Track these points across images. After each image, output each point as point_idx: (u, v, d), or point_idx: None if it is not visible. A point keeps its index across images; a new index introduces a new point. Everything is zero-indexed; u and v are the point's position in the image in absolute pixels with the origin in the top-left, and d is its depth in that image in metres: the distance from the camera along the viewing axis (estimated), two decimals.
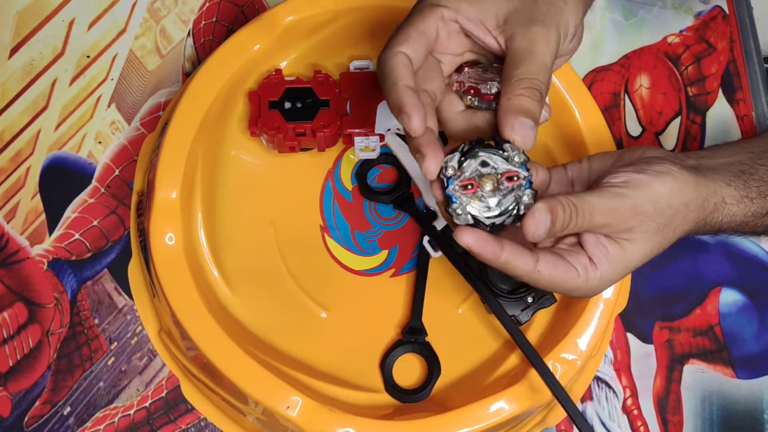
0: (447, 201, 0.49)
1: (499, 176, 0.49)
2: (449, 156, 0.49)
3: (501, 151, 0.49)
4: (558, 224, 0.49)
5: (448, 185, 0.49)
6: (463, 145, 0.50)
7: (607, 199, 0.51)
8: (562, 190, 0.56)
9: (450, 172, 0.49)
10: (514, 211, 0.49)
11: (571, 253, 0.52)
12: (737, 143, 0.63)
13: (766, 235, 0.64)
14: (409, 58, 0.50)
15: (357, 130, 0.63)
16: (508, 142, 0.49)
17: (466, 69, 0.54)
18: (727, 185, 0.57)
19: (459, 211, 0.49)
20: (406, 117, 0.49)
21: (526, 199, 0.49)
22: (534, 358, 0.58)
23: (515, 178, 0.49)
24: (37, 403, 0.64)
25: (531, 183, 0.49)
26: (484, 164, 0.49)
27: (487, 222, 0.49)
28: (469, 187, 0.49)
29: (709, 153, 0.60)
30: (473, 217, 0.49)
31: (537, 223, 0.48)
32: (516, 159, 0.49)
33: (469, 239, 0.48)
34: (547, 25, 0.51)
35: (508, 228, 0.52)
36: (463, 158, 0.49)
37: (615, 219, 0.51)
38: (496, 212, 0.49)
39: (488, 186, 0.49)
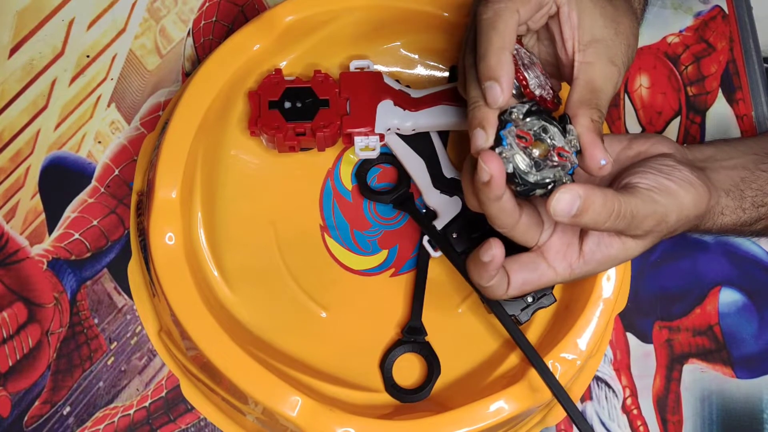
0: (496, 141, 0.48)
1: (552, 149, 0.49)
2: (518, 104, 0.49)
3: (564, 131, 0.49)
4: (589, 215, 0.47)
5: (505, 127, 0.48)
6: (532, 103, 0.49)
7: (648, 205, 0.50)
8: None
9: (513, 116, 0.49)
10: (549, 187, 0.48)
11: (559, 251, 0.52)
12: (744, 142, 0.63)
13: (752, 237, 0.64)
14: (520, 18, 0.50)
15: (357, 130, 0.63)
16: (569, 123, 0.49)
17: (523, 49, 0.53)
18: (727, 195, 0.57)
19: (504, 155, 0.48)
20: (496, 86, 0.48)
21: (564, 181, 0.49)
22: (534, 358, 0.58)
23: (565, 158, 0.48)
24: (36, 403, 0.64)
25: (574, 171, 0.49)
26: (544, 130, 0.49)
27: (521, 182, 0.48)
28: (525, 139, 0.48)
29: (716, 152, 0.60)
30: (514, 168, 0.48)
31: (557, 200, 0.47)
32: (573, 143, 0.49)
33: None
34: (619, 69, 0.52)
35: (515, 247, 0.52)
36: (528, 114, 0.49)
37: (645, 223, 0.50)
38: (534, 178, 0.48)
39: (538, 152, 0.48)
